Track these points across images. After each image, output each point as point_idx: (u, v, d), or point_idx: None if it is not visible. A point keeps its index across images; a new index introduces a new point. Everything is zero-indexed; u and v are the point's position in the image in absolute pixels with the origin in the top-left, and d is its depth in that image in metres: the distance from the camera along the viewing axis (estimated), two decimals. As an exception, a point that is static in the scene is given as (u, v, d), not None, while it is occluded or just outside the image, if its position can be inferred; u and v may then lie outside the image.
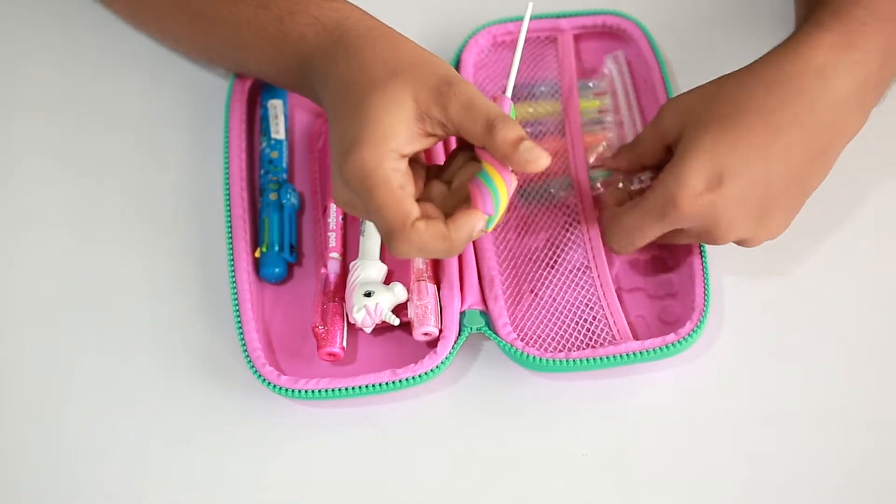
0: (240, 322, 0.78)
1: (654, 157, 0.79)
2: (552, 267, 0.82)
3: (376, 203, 0.68)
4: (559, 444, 0.78)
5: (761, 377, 0.79)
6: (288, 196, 0.84)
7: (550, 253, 0.83)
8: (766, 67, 0.75)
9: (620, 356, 0.77)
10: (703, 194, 0.72)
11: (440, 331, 0.78)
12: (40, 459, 0.78)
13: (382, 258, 0.81)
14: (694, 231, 0.76)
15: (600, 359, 0.77)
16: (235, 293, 0.80)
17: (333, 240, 0.82)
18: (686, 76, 0.91)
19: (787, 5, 0.90)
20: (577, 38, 0.91)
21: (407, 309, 0.79)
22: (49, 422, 0.79)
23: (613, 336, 0.79)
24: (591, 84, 0.90)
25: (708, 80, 0.86)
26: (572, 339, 0.79)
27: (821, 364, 0.80)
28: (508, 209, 0.83)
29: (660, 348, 0.77)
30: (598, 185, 0.85)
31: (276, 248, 0.82)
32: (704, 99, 0.75)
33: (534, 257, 0.83)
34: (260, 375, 0.77)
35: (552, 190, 0.85)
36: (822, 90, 0.73)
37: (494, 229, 0.81)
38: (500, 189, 0.69)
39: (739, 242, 0.77)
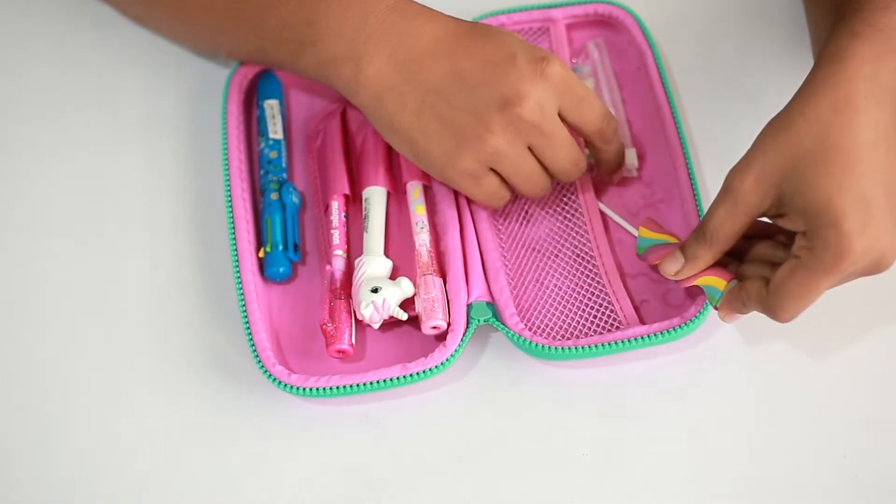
0: (248, 322, 0.78)
1: (735, 239, 0.74)
2: (556, 255, 0.82)
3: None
4: (572, 431, 0.78)
5: (765, 358, 0.80)
6: (289, 195, 0.84)
7: (553, 241, 0.83)
8: (819, 89, 0.71)
9: (628, 341, 0.77)
10: (865, 231, 0.69)
11: (448, 324, 0.78)
12: (45, 459, 0.78)
13: (387, 254, 0.82)
14: (859, 273, 0.72)
15: (608, 344, 0.77)
16: (242, 294, 0.79)
17: (337, 237, 0.82)
18: (679, 62, 0.91)
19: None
20: (569, 27, 0.92)
21: (414, 303, 0.79)
22: (54, 424, 0.79)
23: (620, 322, 0.79)
24: (574, 61, 0.91)
25: (708, 76, 0.88)
26: (579, 327, 0.80)
27: (826, 345, 0.80)
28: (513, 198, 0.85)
29: (666, 331, 0.77)
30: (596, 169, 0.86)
31: (281, 248, 0.82)
32: (782, 152, 0.71)
33: (537, 247, 0.83)
34: (270, 375, 0.77)
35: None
36: (880, 92, 0.71)
37: (499, 220, 0.84)
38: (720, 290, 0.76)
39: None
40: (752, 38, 0.92)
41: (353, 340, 0.79)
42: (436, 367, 0.76)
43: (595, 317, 0.80)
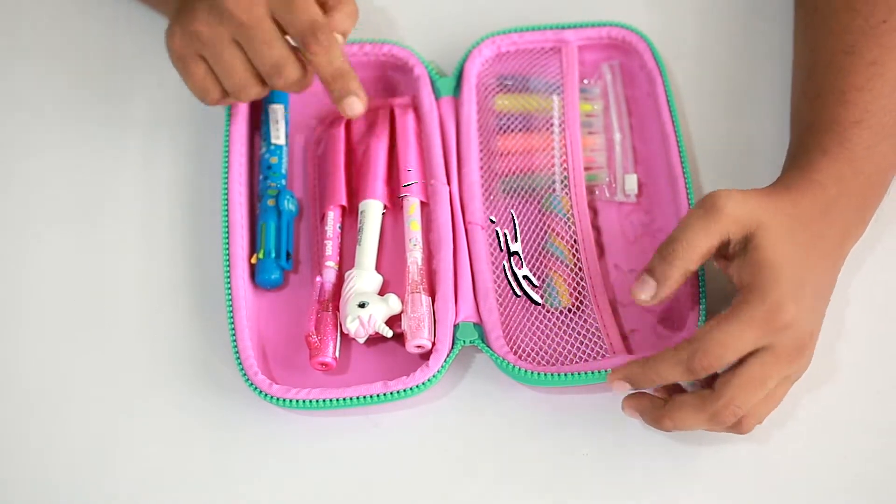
0: (233, 329, 0.79)
1: (705, 257, 0.73)
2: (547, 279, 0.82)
3: None
4: (549, 456, 0.78)
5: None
6: (286, 203, 0.84)
7: (546, 264, 0.83)
8: (789, 186, 0.76)
9: (612, 370, 0.76)
10: (799, 304, 0.70)
11: (433, 343, 0.78)
12: (33, 463, 0.78)
13: (378, 269, 0.81)
14: (782, 348, 0.71)
15: (592, 373, 0.77)
16: (230, 300, 0.79)
17: (330, 248, 0.82)
18: (689, 89, 0.91)
19: (791, 27, 0.89)
20: (581, 48, 0.91)
21: (401, 320, 0.79)
22: (42, 426, 0.79)
23: (606, 350, 0.79)
24: (586, 81, 0.90)
25: (712, 96, 0.88)
26: (565, 353, 0.79)
27: (818, 377, 0.79)
28: (502, 214, 0.85)
29: (653, 363, 0.76)
30: (597, 192, 0.86)
31: (273, 255, 0.82)
32: (765, 205, 0.73)
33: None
34: (252, 384, 0.77)
35: (535, 185, 0.85)
36: (837, 213, 0.75)
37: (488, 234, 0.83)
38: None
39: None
40: (767, 74, 0.91)
41: (338, 354, 0.79)
42: (417, 385, 0.76)
43: (582, 343, 0.79)
